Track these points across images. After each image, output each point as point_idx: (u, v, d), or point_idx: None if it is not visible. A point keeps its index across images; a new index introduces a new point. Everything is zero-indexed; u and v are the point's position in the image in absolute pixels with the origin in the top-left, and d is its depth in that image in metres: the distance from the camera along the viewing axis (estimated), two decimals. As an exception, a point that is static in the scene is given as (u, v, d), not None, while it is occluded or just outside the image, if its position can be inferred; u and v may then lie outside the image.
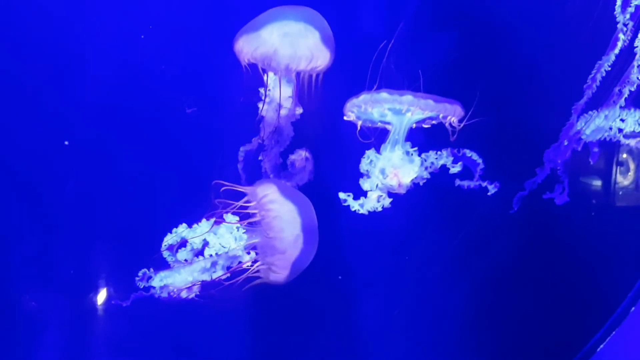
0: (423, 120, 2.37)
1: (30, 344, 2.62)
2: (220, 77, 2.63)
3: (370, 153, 2.33)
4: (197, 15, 2.60)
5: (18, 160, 2.60)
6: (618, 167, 2.50)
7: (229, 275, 2.35)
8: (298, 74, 2.45)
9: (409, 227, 2.61)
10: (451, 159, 2.37)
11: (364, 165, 2.33)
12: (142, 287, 2.37)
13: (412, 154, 2.33)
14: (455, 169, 2.38)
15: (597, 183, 2.58)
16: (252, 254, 2.34)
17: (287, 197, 2.34)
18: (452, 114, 2.27)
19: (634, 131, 2.22)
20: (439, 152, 2.37)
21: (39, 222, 2.64)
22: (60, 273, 2.66)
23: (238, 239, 2.31)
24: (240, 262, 2.34)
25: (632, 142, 2.26)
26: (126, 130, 2.63)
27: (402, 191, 2.34)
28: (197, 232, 2.32)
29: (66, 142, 2.58)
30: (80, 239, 2.66)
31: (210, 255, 2.31)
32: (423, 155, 2.37)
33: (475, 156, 2.37)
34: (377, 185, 2.31)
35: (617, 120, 2.24)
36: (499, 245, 2.67)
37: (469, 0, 2.56)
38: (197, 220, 2.34)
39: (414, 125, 2.38)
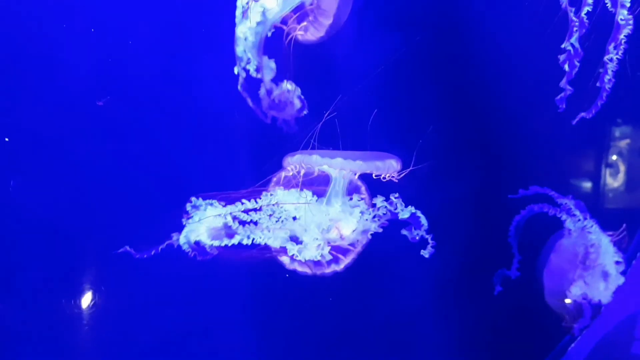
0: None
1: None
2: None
3: (311, 207, 2.31)
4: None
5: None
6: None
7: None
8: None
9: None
10: (400, 208, 2.29)
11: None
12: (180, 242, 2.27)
13: (355, 205, 2.29)
14: (405, 214, 2.31)
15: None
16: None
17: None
18: (384, 171, 2.19)
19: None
20: (386, 202, 2.29)
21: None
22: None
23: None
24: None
25: None
26: (115, 127, 2.59)
27: (345, 243, 2.32)
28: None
29: (6, 139, 2.49)
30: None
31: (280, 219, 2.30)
32: (374, 199, 2.31)
33: (423, 219, 2.28)
34: (316, 239, 2.30)
35: None
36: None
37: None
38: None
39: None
